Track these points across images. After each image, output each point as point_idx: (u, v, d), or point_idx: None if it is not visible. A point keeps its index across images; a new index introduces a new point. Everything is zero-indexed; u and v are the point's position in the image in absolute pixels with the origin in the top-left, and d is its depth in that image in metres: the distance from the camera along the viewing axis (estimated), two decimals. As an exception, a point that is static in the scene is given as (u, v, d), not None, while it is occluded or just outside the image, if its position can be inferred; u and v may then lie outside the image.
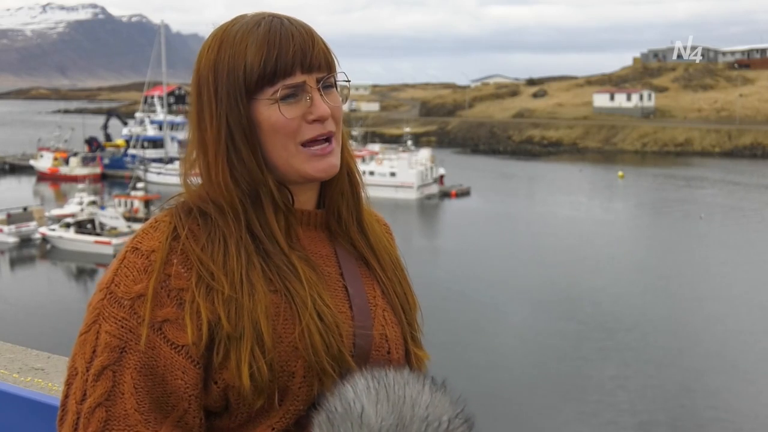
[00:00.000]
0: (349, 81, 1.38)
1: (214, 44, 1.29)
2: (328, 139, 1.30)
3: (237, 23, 1.30)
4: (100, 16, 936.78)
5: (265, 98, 1.26)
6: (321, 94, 1.28)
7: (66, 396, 1.23)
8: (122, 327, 1.19)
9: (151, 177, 54.74)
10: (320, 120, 1.28)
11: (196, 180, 1.33)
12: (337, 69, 1.34)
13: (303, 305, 1.24)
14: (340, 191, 1.38)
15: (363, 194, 1.43)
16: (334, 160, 1.31)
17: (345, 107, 1.36)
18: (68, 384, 1.23)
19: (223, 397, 1.22)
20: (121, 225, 38.54)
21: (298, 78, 1.26)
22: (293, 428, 1.23)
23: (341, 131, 1.35)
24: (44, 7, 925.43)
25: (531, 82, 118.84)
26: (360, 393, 1.16)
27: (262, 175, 1.28)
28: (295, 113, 1.27)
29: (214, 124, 1.28)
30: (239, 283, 1.22)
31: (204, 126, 1.29)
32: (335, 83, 1.33)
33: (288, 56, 1.25)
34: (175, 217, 1.27)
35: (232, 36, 1.28)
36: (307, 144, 1.28)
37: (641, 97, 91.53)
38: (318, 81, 1.28)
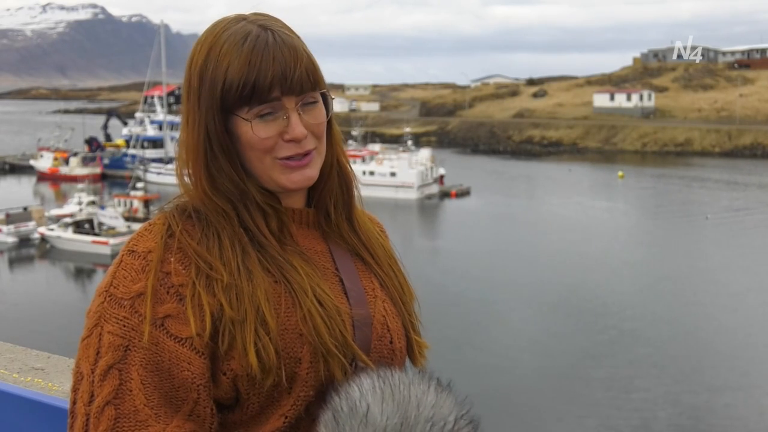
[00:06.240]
0: (333, 98, 1.39)
1: (204, 49, 1.30)
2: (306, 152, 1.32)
3: (228, 30, 1.29)
4: (100, 16, 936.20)
5: (242, 115, 1.27)
6: (299, 114, 1.29)
7: (74, 402, 1.23)
8: (124, 326, 1.21)
9: (151, 177, 54.75)
10: (296, 140, 1.29)
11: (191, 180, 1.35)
12: (324, 85, 1.34)
13: (303, 292, 1.26)
14: (329, 192, 1.40)
15: (356, 194, 1.45)
16: (310, 172, 1.32)
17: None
18: (74, 390, 1.23)
19: (233, 388, 1.23)
20: (120, 225, 38.59)
21: (276, 100, 1.27)
22: (304, 415, 1.25)
23: (324, 143, 1.36)
24: (44, 7, 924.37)
25: (531, 82, 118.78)
26: (366, 392, 1.17)
27: (243, 183, 1.30)
28: (271, 131, 1.28)
29: (195, 129, 1.30)
30: (237, 271, 1.24)
31: (189, 128, 1.32)
32: (324, 96, 1.34)
33: (267, 79, 1.25)
34: (169, 218, 1.30)
35: (219, 46, 1.28)
36: (282, 158, 1.30)
37: (641, 97, 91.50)
38: (297, 101, 1.29)
